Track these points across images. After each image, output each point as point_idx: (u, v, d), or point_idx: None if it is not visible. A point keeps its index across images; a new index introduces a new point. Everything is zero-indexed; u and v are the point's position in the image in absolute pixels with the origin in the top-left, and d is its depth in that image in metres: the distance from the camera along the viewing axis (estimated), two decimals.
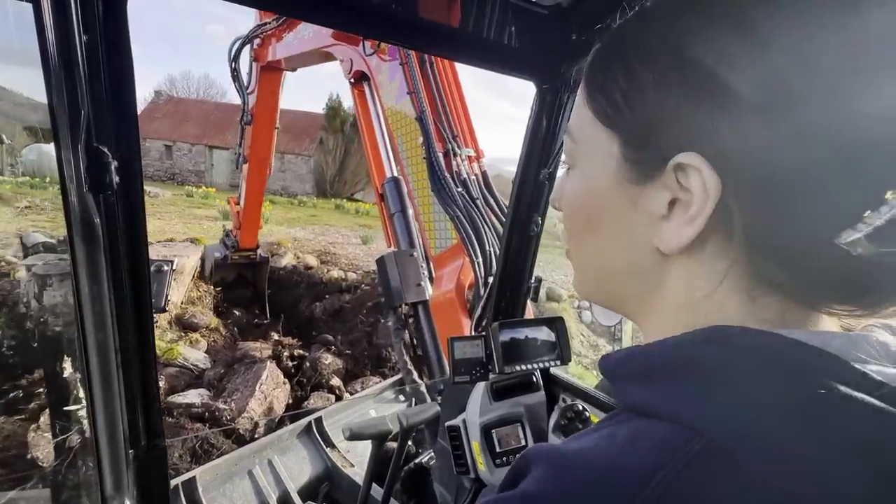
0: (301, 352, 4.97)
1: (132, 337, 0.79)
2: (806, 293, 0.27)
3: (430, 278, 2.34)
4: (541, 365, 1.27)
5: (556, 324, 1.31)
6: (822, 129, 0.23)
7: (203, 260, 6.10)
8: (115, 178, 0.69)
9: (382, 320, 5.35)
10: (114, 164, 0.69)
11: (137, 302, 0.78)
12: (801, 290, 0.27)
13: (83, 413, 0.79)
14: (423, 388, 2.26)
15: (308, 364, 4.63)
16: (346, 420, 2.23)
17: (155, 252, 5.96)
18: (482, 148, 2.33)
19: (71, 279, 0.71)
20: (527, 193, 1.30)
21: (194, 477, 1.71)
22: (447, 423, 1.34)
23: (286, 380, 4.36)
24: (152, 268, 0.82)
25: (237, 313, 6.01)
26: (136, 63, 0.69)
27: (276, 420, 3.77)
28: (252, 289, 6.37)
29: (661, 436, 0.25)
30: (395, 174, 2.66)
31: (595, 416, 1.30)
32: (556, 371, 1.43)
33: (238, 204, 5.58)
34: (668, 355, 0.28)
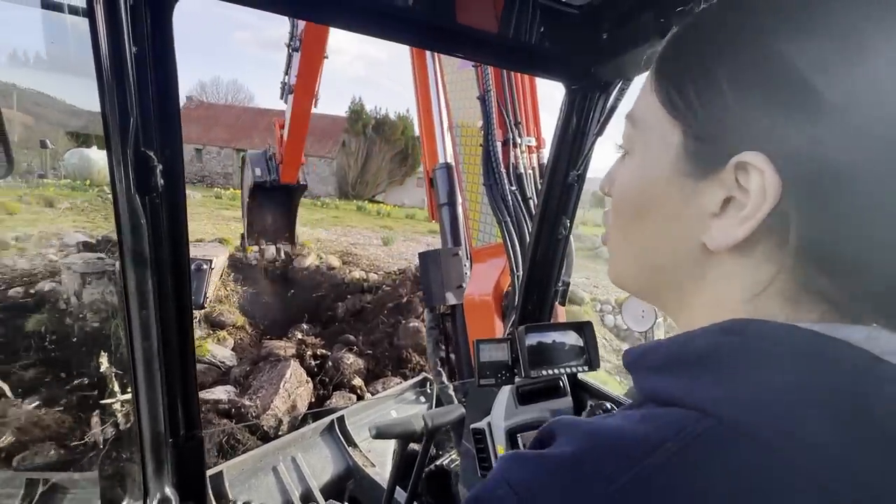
0: (324, 351, 5.06)
1: (174, 332, 0.83)
2: (854, 306, 0.26)
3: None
4: (568, 370, 1.25)
5: (584, 328, 1.29)
6: None
7: (242, 167, 6.07)
8: (160, 181, 0.73)
9: (403, 321, 5.38)
10: (159, 168, 0.73)
11: (179, 299, 0.82)
12: (850, 303, 0.26)
13: (128, 404, 0.84)
14: (451, 390, 2.26)
15: (330, 363, 4.72)
16: (367, 420, 2.26)
17: None
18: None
19: (119, 276, 0.75)
20: (555, 195, 1.28)
21: (222, 471, 1.77)
22: (472, 426, 1.33)
23: (309, 378, 4.45)
24: (192, 266, 0.86)
25: (263, 245, 6.13)
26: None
27: (300, 418, 3.89)
28: (284, 210, 6.34)
29: (672, 417, 0.25)
30: (449, 159, 2.40)
31: None
32: (584, 377, 1.41)
33: (283, 128, 5.39)
34: (686, 347, 0.28)
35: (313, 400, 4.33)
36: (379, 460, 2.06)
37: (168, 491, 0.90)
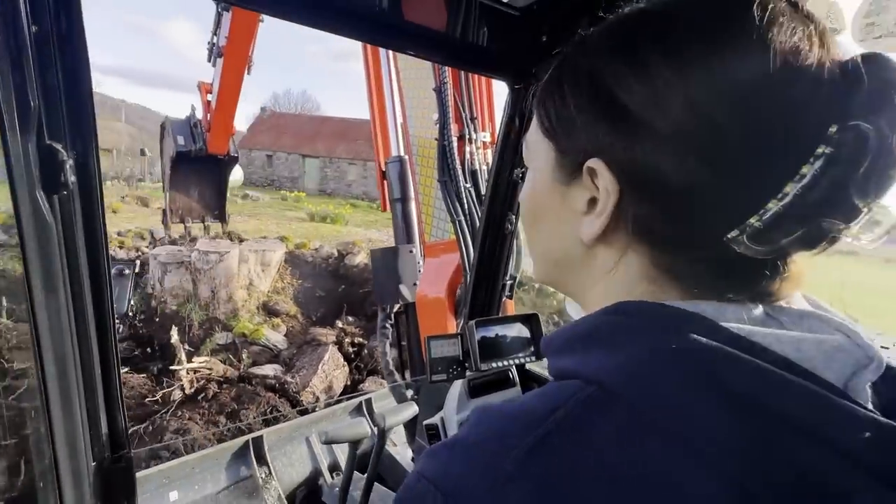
0: (361, 340, 5.49)
1: (93, 344, 0.75)
2: (699, 281, 0.31)
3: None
4: (516, 361, 1.29)
5: (530, 320, 1.34)
6: (703, 151, 0.28)
7: (163, 128, 5.51)
8: (72, 178, 0.66)
9: None
10: (69, 163, 0.65)
11: (98, 307, 0.74)
12: (695, 278, 0.31)
13: (40, 425, 0.75)
14: (404, 389, 2.26)
15: (366, 351, 5.18)
16: (393, 403, 2.33)
17: (247, 247, 6.50)
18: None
19: (23, 285, 0.67)
20: (500, 192, 1.31)
21: (262, 436, 1.99)
22: (425, 422, 1.34)
23: (346, 363, 4.96)
24: (113, 271, 0.78)
25: (189, 223, 6.06)
26: (248, 83, 0.66)
27: (335, 399, 4.34)
28: (215, 168, 5.76)
29: (565, 387, 0.30)
30: (402, 153, 2.33)
31: None
32: (532, 366, 1.46)
33: (210, 93, 4.79)
34: (577, 328, 0.33)
35: (348, 383, 4.81)
36: (401, 441, 2.19)
37: None
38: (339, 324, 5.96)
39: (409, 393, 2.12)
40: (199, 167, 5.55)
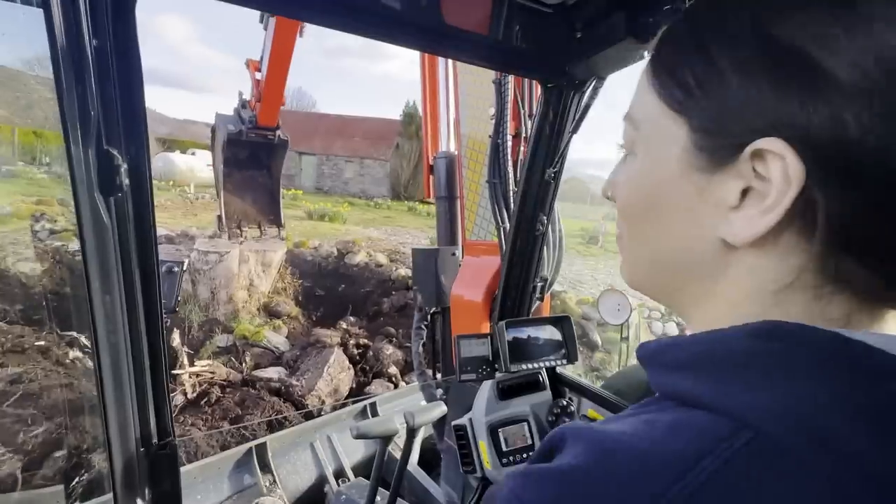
0: (366, 341, 5.44)
1: (143, 338, 0.80)
2: (882, 290, 0.25)
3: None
4: (547, 364, 1.27)
5: (562, 323, 1.31)
6: None
7: (213, 131, 5.46)
8: (126, 181, 0.70)
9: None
10: (123, 167, 0.69)
11: (148, 303, 0.79)
12: (880, 287, 0.25)
13: (97, 413, 0.81)
14: (434, 388, 2.27)
15: (371, 353, 5.13)
16: (399, 407, 2.37)
17: (248, 247, 6.47)
18: None
19: (83, 281, 0.72)
20: (532, 193, 1.30)
21: (265, 443, 1.97)
22: (453, 423, 1.34)
23: (351, 366, 4.89)
24: (162, 269, 0.82)
25: (245, 228, 5.74)
26: (241, 81, 0.69)
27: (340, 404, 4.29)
28: (266, 173, 5.66)
29: (705, 425, 0.24)
30: (452, 149, 2.24)
31: (598, 413, 1.30)
32: (562, 370, 1.43)
33: (259, 70, 4.70)
34: (716, 346, 0.27)
35: (353, 386, 4.74)
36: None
37: None
38: (343, 325, 5.90)
39: (439, 392, 2.13)
40: (250, 167, 5.46)
